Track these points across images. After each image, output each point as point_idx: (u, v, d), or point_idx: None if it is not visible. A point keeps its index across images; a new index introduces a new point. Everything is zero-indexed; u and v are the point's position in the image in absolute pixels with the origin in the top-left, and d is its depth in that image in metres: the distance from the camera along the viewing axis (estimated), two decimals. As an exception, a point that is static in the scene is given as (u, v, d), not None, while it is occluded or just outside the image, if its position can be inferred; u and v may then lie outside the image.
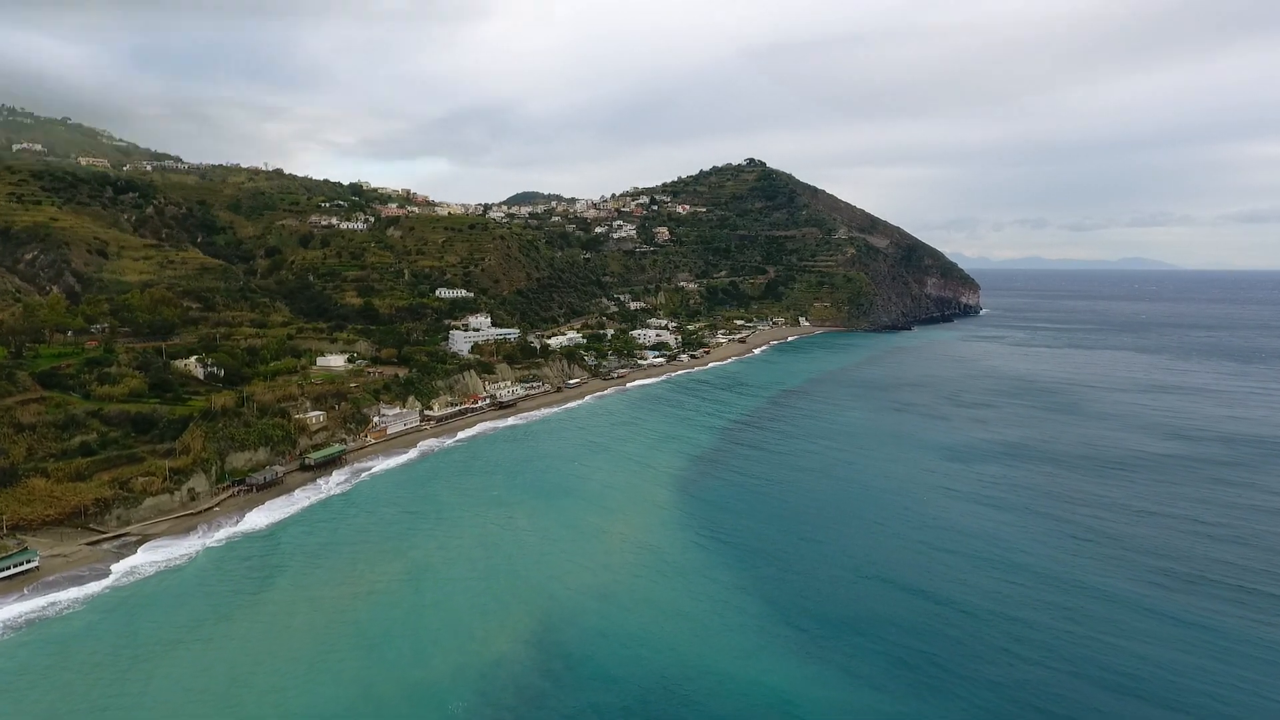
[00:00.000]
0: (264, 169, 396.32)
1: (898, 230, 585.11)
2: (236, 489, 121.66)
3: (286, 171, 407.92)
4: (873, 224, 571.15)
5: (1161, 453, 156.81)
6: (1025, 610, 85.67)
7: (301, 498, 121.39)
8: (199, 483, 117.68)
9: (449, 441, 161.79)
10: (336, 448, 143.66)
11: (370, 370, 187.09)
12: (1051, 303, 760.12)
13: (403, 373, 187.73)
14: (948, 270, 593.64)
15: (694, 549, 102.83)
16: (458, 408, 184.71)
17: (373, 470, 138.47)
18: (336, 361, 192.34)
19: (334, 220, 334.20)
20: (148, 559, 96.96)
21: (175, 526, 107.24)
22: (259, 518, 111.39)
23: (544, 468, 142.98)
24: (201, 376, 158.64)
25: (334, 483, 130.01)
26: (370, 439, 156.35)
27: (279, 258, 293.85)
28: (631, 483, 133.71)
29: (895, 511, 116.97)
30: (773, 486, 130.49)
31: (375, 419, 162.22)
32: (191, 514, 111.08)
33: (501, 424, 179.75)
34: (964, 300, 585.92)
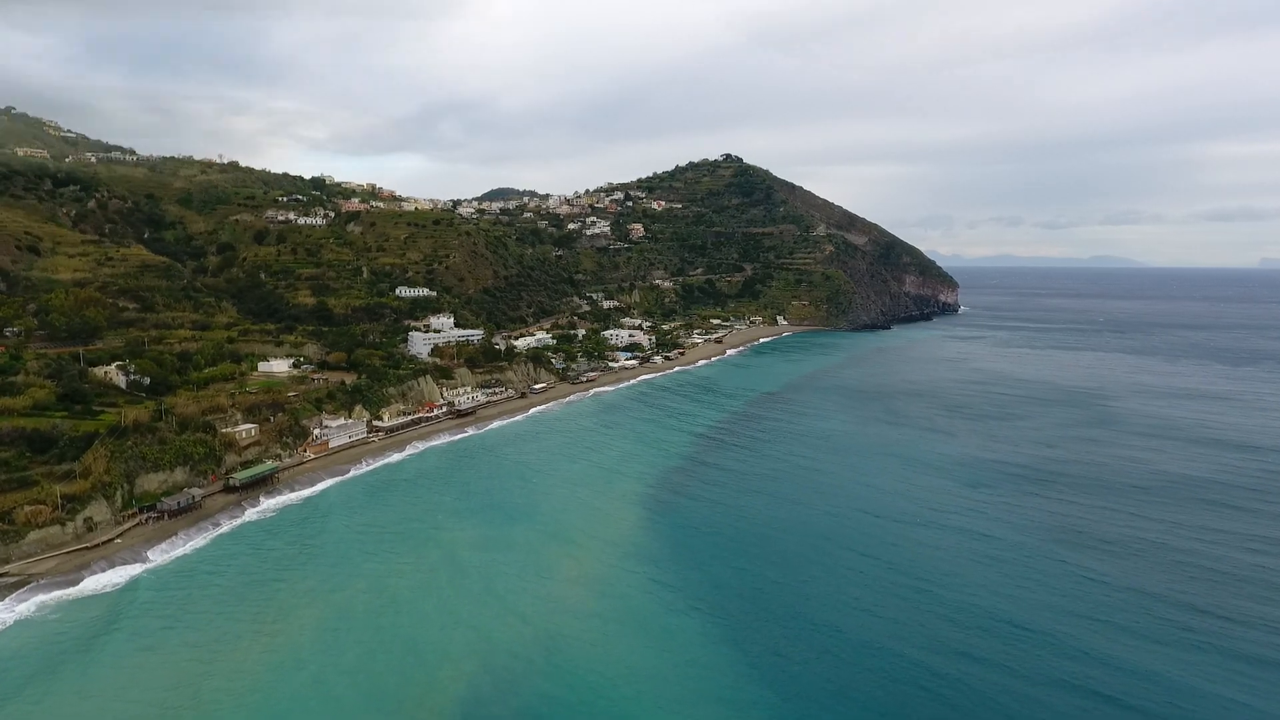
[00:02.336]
0: (218, 161, 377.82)
1: (876, 227, 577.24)
2: (145, 516, 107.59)
3: (244, 164, 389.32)
4: (851, 221, 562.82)
5: (1197, 475, 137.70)
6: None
7: (218, 526, 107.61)
8: (99, 510, 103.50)
9: (397, 456, 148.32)
10: (267, 465, 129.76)
11: (315, 376, 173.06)
12: (1028, 301, 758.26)
13: (350, 379, 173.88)
14: (926, 268, 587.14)
15: (660, 589, 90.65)
16: (410, 417, 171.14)
17: (307, 492, 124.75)
18: (280, 367, 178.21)
19: (292, 215, 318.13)
20: (22, 608, 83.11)
21: (64, 564, 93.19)
22: (162, 552, 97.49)
23: (498, 486, 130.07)
24: (124, 385, 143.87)
25: (261, 507, 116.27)
26: (309, 454, 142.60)
27: (231, 254, 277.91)
28: (594, 504, 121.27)
29: (883, 545, 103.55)
30: (747, 510, 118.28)
31: (316, 431, 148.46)
32: (85, 549, 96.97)
33: (457, 435, 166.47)
34: (942, 298, 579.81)
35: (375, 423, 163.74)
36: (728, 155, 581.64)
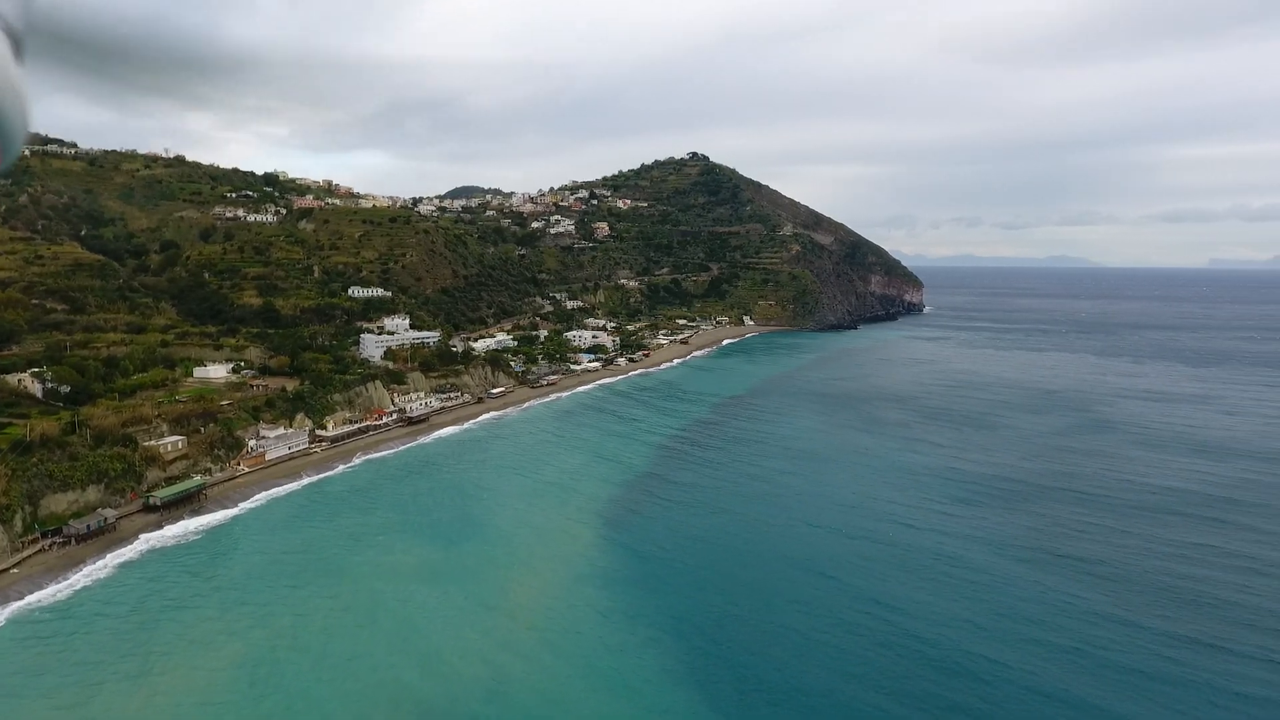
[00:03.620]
0: (164, 155, 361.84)
1: (842, 227, 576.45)
2: (48, 542, 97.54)
3: (191, 159, 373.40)
4: (817, 220, 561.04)
5: (1183, 486, 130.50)
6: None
7: (129, 551, 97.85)
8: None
9: (341, 468, 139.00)
10: (194, 482, 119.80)
11: (255, 383, 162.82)
12: (991, 300, 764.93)
13: (293, 385, 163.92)
14: (891, 268, 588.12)
15: (616, 621, 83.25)
16: (357, 426, 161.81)
17: (234, 510, 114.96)
18: (219, 372, 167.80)
19: (241, 212, 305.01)
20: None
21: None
22: (60, 584, 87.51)
23: (445, 502, 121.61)
24: (39, 395, 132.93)
25: (181, 529, 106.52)
26: (243, 468, 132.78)
27: (174, 253, 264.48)
28: (548, 520, 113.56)
29: (855, 569, 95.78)
30: (710, 529, 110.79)
31: (252, 443, 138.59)
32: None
33: (407, 445, 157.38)
34: (907, 298, 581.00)
35: (319, 432, 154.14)
36: (694, 154, 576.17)
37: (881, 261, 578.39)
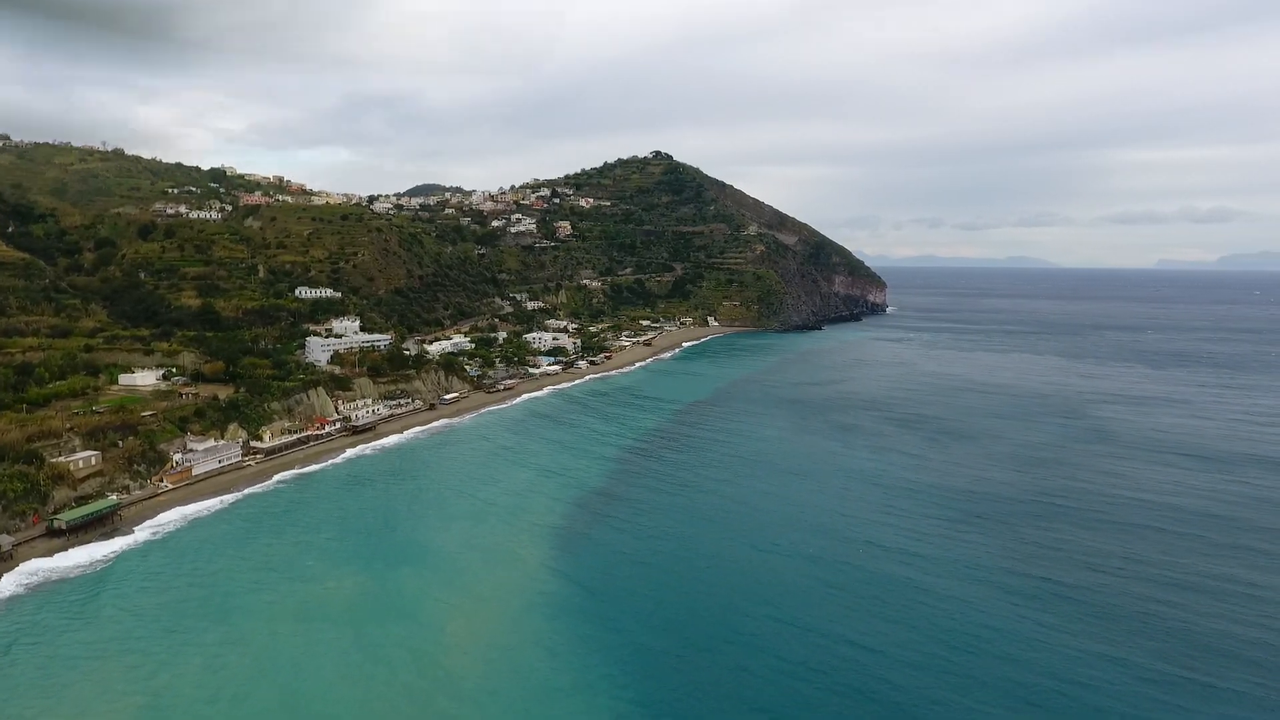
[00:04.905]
0: (100, 149, 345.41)
1: (806, 227, 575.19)
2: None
3: (131, 153, 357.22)
4: (781, 220, 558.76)
5: (1174, 500, 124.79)
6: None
7: (11, 582, 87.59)
8: None
9: (275, 483, 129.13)
10: (107, 502, 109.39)
11: (185, 391, 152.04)
12: (954, 300, 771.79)
13: (227, 393, 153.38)
14: (855, 268, 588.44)
15: (567, 655, 75.89)
16: (296, 436, 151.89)
17: (149, 533, 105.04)
18: (147, 379, 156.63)
19: (183, 209, 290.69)
20: None
21: None
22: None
23: (386, 519, 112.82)
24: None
25: (86, 554, 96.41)
26: (166, 484, 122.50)
27: (109, 251, 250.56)
28: (496, 541, 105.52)
29: (825, 598, 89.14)
30: (668, 549, 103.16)
31: (177, 457, 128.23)
32: None
33: (350, 455, 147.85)
34: (871, 298, 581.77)
35: (254, 444, 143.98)
36: (657, 152, 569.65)
37: (845, 262, 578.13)
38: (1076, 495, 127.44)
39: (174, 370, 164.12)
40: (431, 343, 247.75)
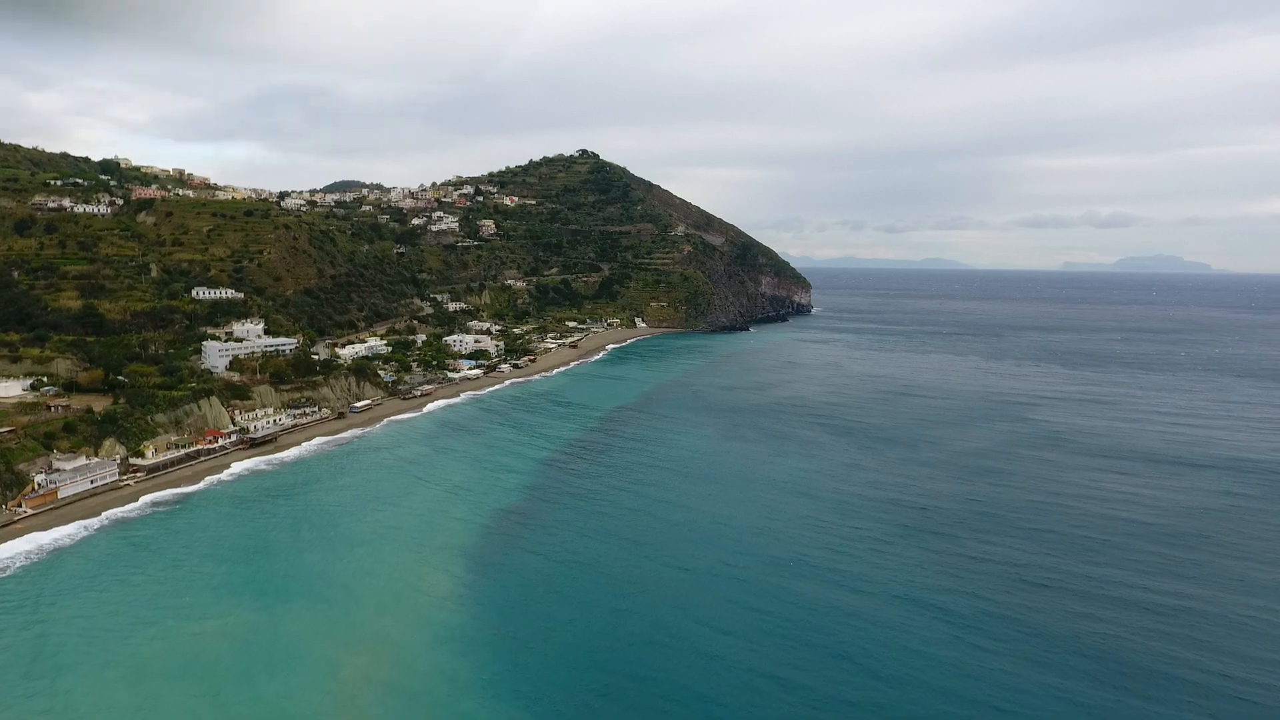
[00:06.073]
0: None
1: (732, 228, 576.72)
2: None
3: (9, 141, 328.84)
4: (708, 221, 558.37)
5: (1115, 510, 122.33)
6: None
7: None
8: None
9: (148, 504, 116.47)
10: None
11: (55, 403, 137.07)
12: (876, 301, 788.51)
13: (104, 404, 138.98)
14: (781, 269, 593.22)
15: (476, 697, 68.38)
16: (184, 451, 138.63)
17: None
18: (10, 390, 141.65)
19: (67, 202, 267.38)
20: None
21: None
22: None
23: (278, 544, 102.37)
24: None
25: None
26: (25, 509, 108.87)
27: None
28: (403, 565, 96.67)
29: (750, 627, 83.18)
30: (590, 572, 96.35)
31: (40, 478, 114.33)
32: None
33: (242, 472, 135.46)
34: (797, 299, 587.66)
35: (134, 461, 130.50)
36: (584, 151, 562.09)
37: (772, 263, 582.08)
38: (1011, 504, 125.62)
39: (43, 380, 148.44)
40: (344, 346, 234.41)
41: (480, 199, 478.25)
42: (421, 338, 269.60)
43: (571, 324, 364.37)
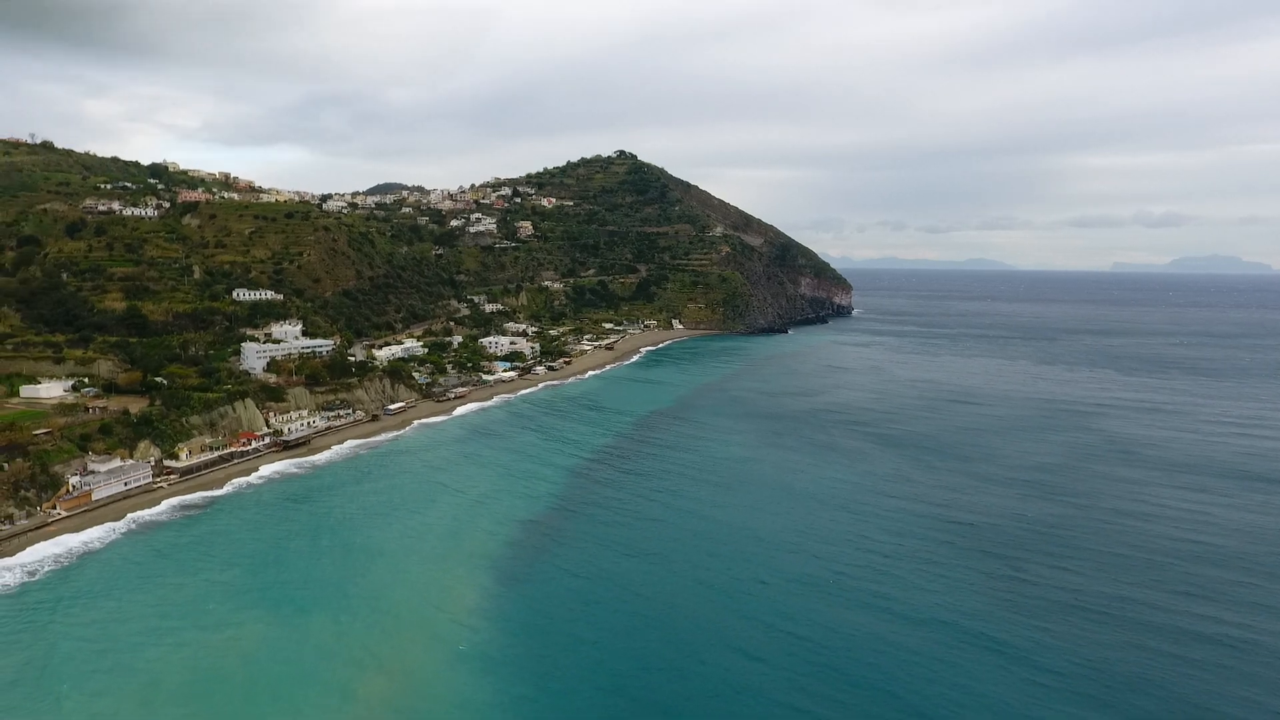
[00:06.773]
0: (28, 141, 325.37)
1: (771, 229, 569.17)
2: None
3: (62, 146, 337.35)
4: (747, 222, 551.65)
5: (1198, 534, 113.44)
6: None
7: None
8: None
9: (176, 507, 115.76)
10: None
11: (94, 404, 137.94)
12: (918, 303, 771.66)
13: (139, 407, 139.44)
14: (820, 270, 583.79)
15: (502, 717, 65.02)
16: (219, 453, 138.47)
17: (26, 573, 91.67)
18: (52, 391, 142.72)
19: (116, 205, 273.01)
20: None
21: None
22: None
23: (303, 552, 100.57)
24: None
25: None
26: (60, 511, 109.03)
27: (32, 249, 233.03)
28: (424, 578, 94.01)
29: (789, 642, 79.92)
30: (621, 587, 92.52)
31: (75, 480, 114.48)
32: None
33: (271, 472, 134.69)
34: (837, 300, 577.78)
35: (168, 463, 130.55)
36: (621, 152, 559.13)
37: (811, 264, 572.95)
38: (1070, 523, 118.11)
39: (84, 381, 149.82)
40: (380, 347, 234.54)
41: (518, 200, 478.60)
42: (458, 339, 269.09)
43: (608, 325, 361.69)
